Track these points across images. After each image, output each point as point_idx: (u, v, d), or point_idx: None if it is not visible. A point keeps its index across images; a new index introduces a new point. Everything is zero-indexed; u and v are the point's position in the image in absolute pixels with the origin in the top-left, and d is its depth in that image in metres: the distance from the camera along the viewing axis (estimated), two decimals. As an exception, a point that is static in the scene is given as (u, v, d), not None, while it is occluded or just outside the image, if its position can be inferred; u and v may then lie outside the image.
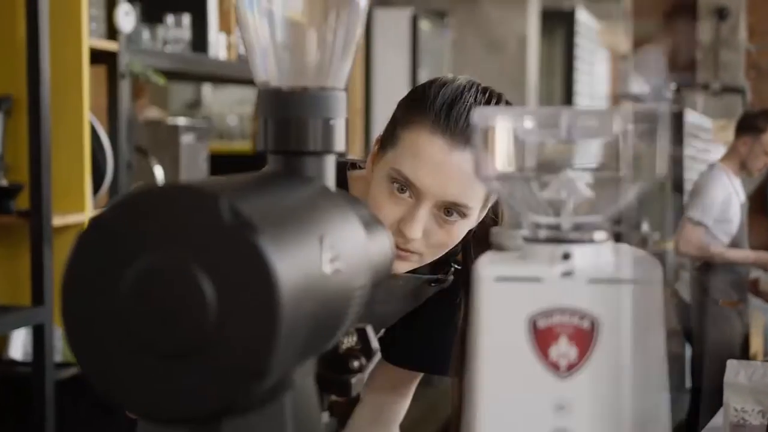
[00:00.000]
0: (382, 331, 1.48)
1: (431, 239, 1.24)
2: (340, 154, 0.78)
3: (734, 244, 4.33)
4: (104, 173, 2.56)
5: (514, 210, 0.69)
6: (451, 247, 1.27)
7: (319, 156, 0.74)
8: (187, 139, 3.00)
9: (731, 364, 1.97)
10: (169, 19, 3.03)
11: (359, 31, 0.78)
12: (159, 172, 2.90)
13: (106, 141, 2.58)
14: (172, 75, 3.27)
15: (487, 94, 1.25)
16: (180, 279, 0.57)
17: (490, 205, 1.29)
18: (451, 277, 1.40)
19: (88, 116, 2.49)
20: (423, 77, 4.74)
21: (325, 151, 0.75)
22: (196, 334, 0.57)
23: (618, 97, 4.99)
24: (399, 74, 4.96)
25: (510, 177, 0.68)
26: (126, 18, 2.62)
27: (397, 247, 1.22)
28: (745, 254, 4.42)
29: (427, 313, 1.44)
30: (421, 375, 1.51)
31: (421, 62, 5.07)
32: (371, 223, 0.81)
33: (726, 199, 4.29)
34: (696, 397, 4.37)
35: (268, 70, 0.75)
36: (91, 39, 2.55)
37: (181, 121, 3.14)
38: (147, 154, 2.89)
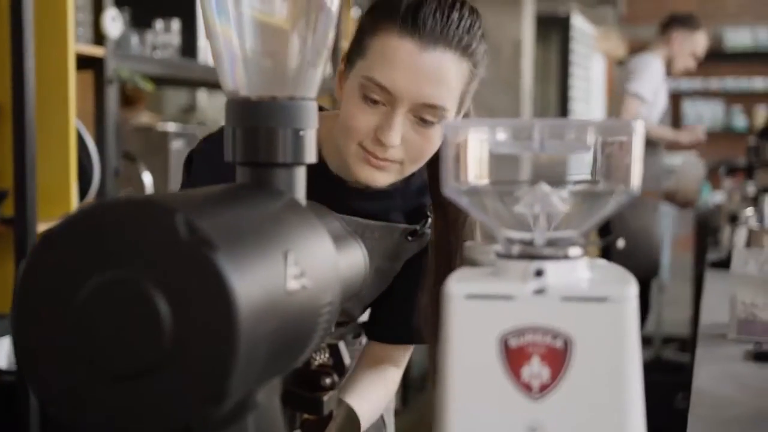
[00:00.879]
0: (367, 313, 1.47)
1: (410, 146, 1.23)
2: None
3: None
4: (91, 179, 2.53)
5: (486, 225, 0.67)
6: (430, 155, 1.26)
7: (288, 168, 0.72)
8: (177, 145, 2.98)
9: (738, 253, 1.82)
10: (158, 24, 3.01)
11: (331, 38, 0.76)
12: (147, 179, 2.87)
13: (92, 147, 2.56)
14: (161, 80, 3.25)
15: None
16: (134, 297, 0.55)
17: (464, 109, 1.30)
18: (428, 231, 1.39)
19: (74, 122, 2.46)
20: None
21: (295, 162, 0.72)
22: (150, 354, 0.55)
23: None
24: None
25: (481, 191, 0.66)
26: (113, 23, 2.60)
27: (376, 157, 1.23)
28: (675, 134, 4.61)
29: (402, 285, 1.44)
30: (411, 346, 1.51)
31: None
32: (343, 236, 0.79)
33: (658, 84, 4.38)
34: None
35: (236, 79, 0.74)
36: (77, 44, 2.52)
37: (171, 127, 3.12)
38: (135, 161, 2.86)
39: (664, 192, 4.63)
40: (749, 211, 2.89)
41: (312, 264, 0.66)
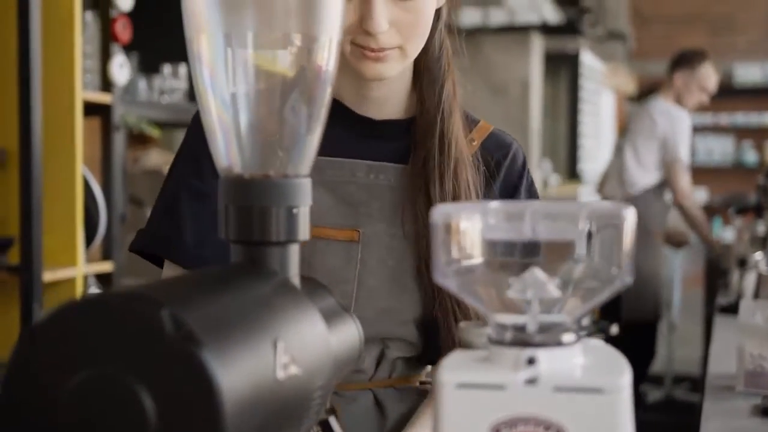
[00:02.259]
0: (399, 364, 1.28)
1: (401, 26, 1.16)
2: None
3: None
4: (97, 226, 2.53)
5: (478, 309, 0.66)
6: (426, 29, 1.19)
7: (282, 246, 0.72)
8: (183, 188, 2.98)
9: (746, 304, 1.80)
10: (166, 69, 3.03)
11: (329, 94, 0.75)
12: (154, 223, 2.87)
13: (99, 194, 2.56)
14: (170, 123, 3.26)
15: None
16: (119, 393, 0.54)
17: None
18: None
19: (80, 169, 2.47)
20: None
21: (288, 240, 0.72)
22: (135, 451, 0.54)
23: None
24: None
25: (472, 275, 0.65)
26: (120, 70, 2.61)
27: (372, 49, 1.16)
28: (711, 236, 4.59)
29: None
30: None
31: (423, 106, 5.03)
32: (336, 312, 0.78)
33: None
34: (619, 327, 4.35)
35: (230, 156, 0.73)
36: (85, 91, 2.53)
37: (179, 170, 3.12)
38: (142, 205, 2.87)
39: (662, 232, 4.62)
40: (758, 255, 2.87)
41: (302, 349, 0.65)
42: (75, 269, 2.46)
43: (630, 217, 0.62)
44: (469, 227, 0.65)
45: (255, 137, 0.73)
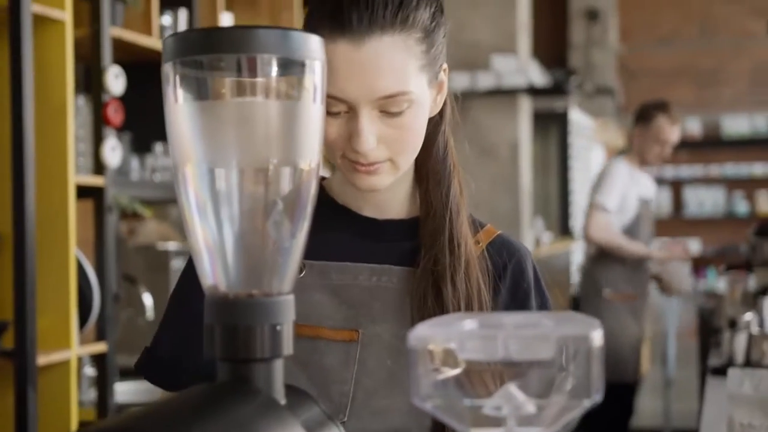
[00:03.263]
0: None
1: (389, 141, 1.16)
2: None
3: (626, 236, 4.49)
4: (91, 308, 2.55)
5: (454, 427, 0.69)
6: (418, 141, 1.19)
7: (267, 362, 0.74)
8: (177, 264, 3.01)
9: (733, 373, 1.81)
10: (158, 147, 3.07)
11: (305, 235, 0.78)
12: (148, 301, 2.89)
13: (92, 275, 2.59)
14: (163, 201, 3.29)
15: None
16: None
17: (439, 69, 1.22)
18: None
19: (74, 253, 2.50)
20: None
21: (273, 356, 0.75)
22: None
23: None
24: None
25: (448, 394, 0.68)
26: (113, 153, 2.65)
27: (361, 164, 1.17)
28: (647, 250, 4.58)
29: None
30: None
31: (414, 169, 5.08)
32: (320, 423, 0.80)
33: (624, 190, 4.45)
34: None
35: (215, 276, 0.76)
36: (78, 175, 2.57)
37: (172, 246, 3.16)
38: (136, 282, 2.89)
39: (651, 275, 4.67)
40: (748, 315, 2.90)
41: (287, 469, 0.68)
42: (69, 351, 2.48)
43: (597, 337, 0.65)
44: (445, 350, 0.67)
45: (239, 258, 0.76)
